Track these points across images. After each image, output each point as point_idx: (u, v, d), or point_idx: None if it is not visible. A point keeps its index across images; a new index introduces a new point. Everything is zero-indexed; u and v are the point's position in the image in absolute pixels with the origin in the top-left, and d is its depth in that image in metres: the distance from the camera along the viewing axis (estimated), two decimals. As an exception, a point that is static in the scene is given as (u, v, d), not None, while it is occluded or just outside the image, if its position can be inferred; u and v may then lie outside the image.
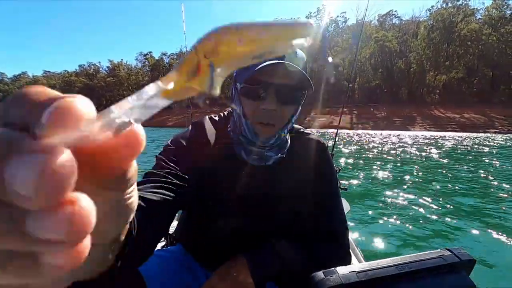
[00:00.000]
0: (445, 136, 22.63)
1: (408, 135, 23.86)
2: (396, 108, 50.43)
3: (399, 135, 23.97)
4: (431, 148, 11.98)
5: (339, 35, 70.77)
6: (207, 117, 0.83)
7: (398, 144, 13.91)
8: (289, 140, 0.80)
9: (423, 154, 9.84)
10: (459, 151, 11.05)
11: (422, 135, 24.55)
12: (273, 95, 0.68)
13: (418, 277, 0.53)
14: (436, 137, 21.25)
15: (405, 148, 11.76)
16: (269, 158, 0.76)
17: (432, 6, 61.13)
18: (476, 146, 13.71)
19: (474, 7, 57.08)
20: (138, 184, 0.60)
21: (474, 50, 53.25)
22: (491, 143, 15.42)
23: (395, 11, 66.90)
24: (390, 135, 24.10)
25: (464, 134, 27.13)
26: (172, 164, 0.67)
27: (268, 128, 0.70)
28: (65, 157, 0.12)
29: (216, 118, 0.83)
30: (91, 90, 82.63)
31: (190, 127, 0.80)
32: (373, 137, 20.00)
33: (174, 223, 1.72)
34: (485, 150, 11.26)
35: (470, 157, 8.91)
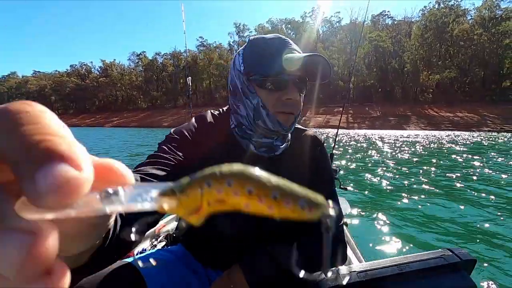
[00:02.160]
0: (441, 135, 22.84)
1: (405, 134, 24.05)
2: (390, 107, 50.86)
3: (396, 134, 24.13)
4: (429, 147, 12.07)
5: (334, 35, 71.10)
6: (209, 111, 0.83)
7: (397, 144, 13.98)
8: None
9: (422, 153, 9.89)
10: (456, 150, 11.13)
11: (417, 134, 24.76)
12: (294, 86, 0.71)
13: (419, 277, 0.53)
14: (432, 136, 21.44)
15: (404, 148, 11.82)
16: (278, 147, 0.78)
17: (425, 6, 61.87)
18: (472, 144, 13.85)
19: (465, 8, 57.92)
20: (140, 165, 0.63)
21: (466, 50, 54.02)
22: (488, 142, 15.59)
23: (388, 11, 67.54)
24: (388, 134, 24.24)
25: (459, 133, 27.43)
26: (175, 151, 0.68)
27: (289, 116, 0.72)
28: (51, 241, 0.11)
29: (216, 113, 0.84)
30: (83, 90, 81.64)
31: (193, 119, 0.80)
32: (371, 137, 20.11)
33: (174, 223, 1.68)
34: (483, 149, 11.37)
35: (468, 155, 8.98)
